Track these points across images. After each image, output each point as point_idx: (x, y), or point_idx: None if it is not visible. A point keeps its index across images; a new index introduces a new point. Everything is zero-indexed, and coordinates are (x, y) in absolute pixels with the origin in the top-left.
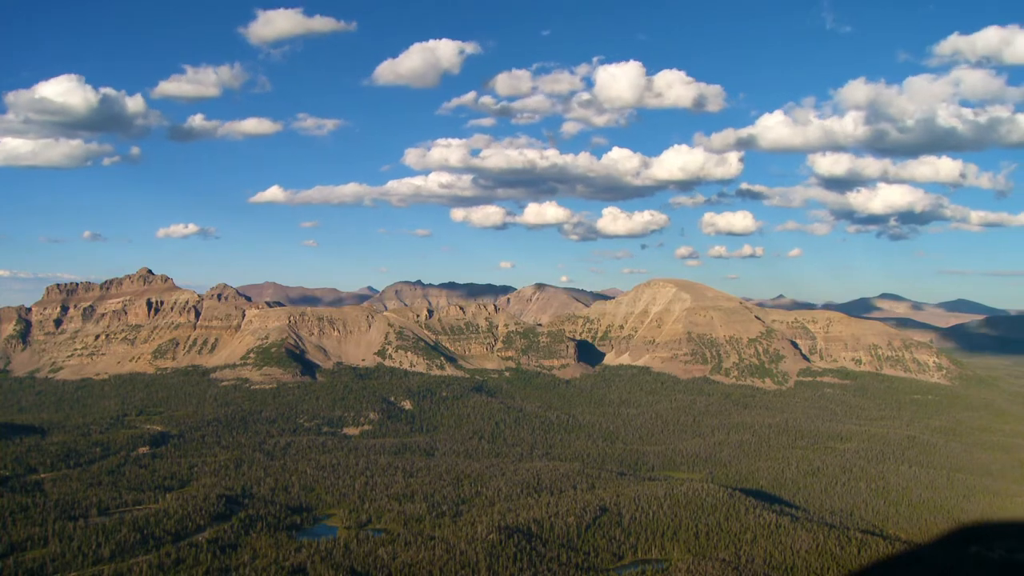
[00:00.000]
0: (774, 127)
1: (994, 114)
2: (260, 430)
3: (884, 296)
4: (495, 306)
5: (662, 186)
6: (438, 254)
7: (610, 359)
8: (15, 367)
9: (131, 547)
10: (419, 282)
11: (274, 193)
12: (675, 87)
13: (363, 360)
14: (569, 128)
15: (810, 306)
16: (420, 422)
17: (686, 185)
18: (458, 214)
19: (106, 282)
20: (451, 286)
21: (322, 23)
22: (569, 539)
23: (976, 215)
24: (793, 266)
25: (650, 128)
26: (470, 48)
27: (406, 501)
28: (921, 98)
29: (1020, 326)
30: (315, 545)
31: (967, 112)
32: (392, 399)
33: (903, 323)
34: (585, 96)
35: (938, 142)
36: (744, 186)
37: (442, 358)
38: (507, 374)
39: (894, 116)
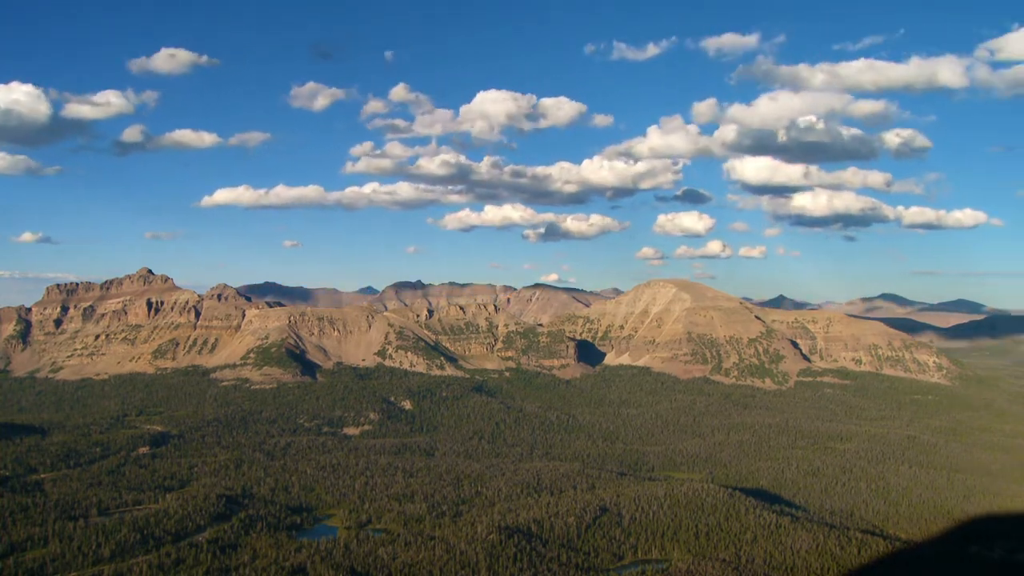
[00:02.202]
0: (670, 138)
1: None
2: (260, 430)
3: (884, 297)
4: (495, 306)
5: (598, 192)
6: (412, 256)
7: (610, 359)
8: (15, 367)
9: (131, 547)
10: (419, 282)
11: (240, 196)
12: (562, 107)
13: (363, 360)
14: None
15: (806, 306)
16: (420, 422)
17: (622, 192)
18: (427, 217)
19: (106, 282)
20: (451, 286)
21: (194, 57)
22: (569, 539)
23: (912, 217)
24: (765, 266)
25: (543, 144)
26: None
27: (406, 501)
28: (779, 113)
29: (1020, 326)
30: (315, 545)
31: (823, 123)
32: (392, 399)
33: (902, 323)
34: (469, 121)
35: (816, 151)
36: (682, 190)
37: (442, 358)
38: (507, 374)
39: (766, 127)
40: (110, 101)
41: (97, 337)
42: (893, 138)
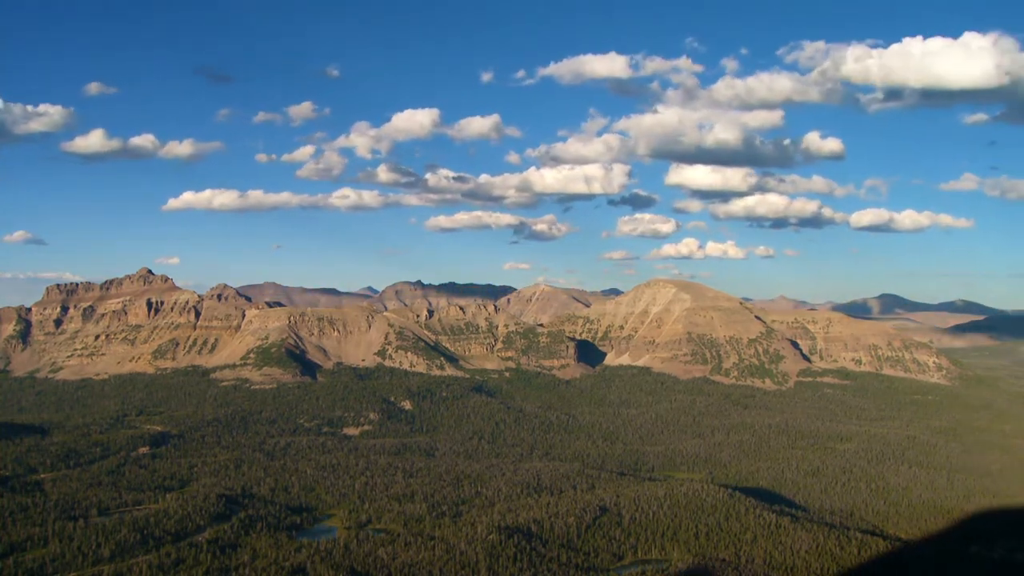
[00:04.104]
0: (590, 147)
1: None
2: (260, 430)
3: (883, 296)
4: (495, 306)
5: (548, 198)
6: (390, 257)
7: (610, 359)
8: (15, 367)
9: (131, 547)
10: (419, 282)
11: (213, 200)
12: (477, 122)
13: (363, 360)
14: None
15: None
16: (420, 422)
17: (572, 197)
18: (395, 220)
19: (106, 282)
20: (451, 286)
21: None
22: (569, 539)
23: (860, 219)
24: (740, 267)
25: (470, 155)
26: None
27: (406, 501)
28: (673, 126)
29: (1020, 326)
30: (315, 545)
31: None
32: (392, 399)
33: (902, 323)
34: (392, 135)
35: (733, 158)
36: (630, 193)
37: (442, 358)
38: (507, 374)
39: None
40: (49, 112)
41: (97, 337)
42: (805, 144)
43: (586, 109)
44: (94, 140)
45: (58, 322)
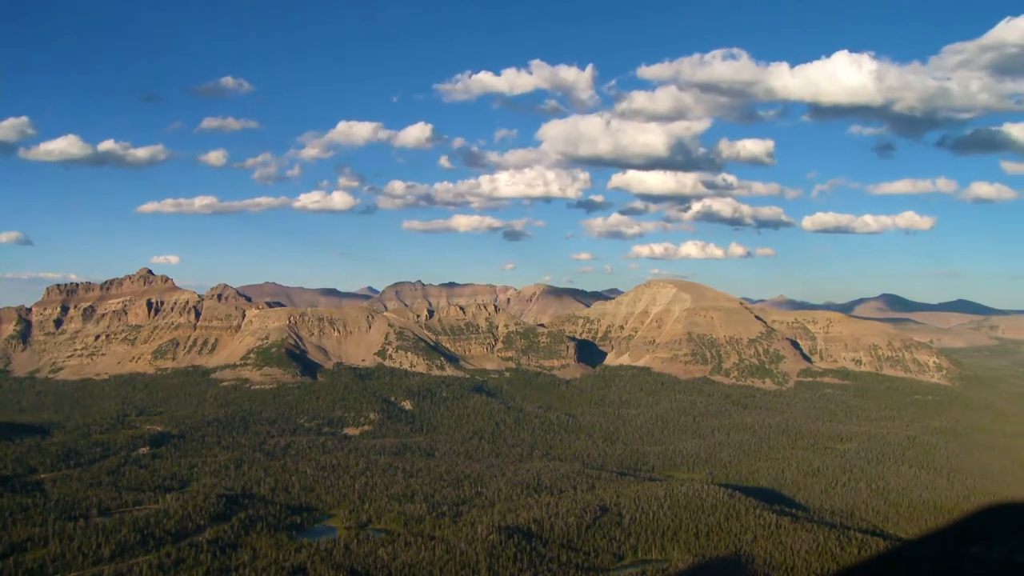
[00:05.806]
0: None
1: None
2: (260, 430)
3: (883, 296)
4: (495, 306)
5: (509, 203)
6: (376, 258)
7: (610, 359)
8: (15, 367)
9: (131, 547)
10: (419, 282)
11: (196, 204)
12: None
13: (363, 360)
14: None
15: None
16: (420, 422)
17: (534, 200)
18: (379, 222)
19: (106, 282)
20: (451, 286)
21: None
22: (569, 539)
23: (819, 221)
24: (721, 267)
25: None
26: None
27: (406, 501)
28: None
29: (1020, 326)
30: (315, 545)
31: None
32: (392, 399)
33: (903, 323)
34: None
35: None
36: (587, 197)
37: (442, 358)
38: (507, 374)
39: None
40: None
41: (97, 337)
42: (728, 150)
43: (494, 121)
44: (60, 146)
45: (58, 322)
